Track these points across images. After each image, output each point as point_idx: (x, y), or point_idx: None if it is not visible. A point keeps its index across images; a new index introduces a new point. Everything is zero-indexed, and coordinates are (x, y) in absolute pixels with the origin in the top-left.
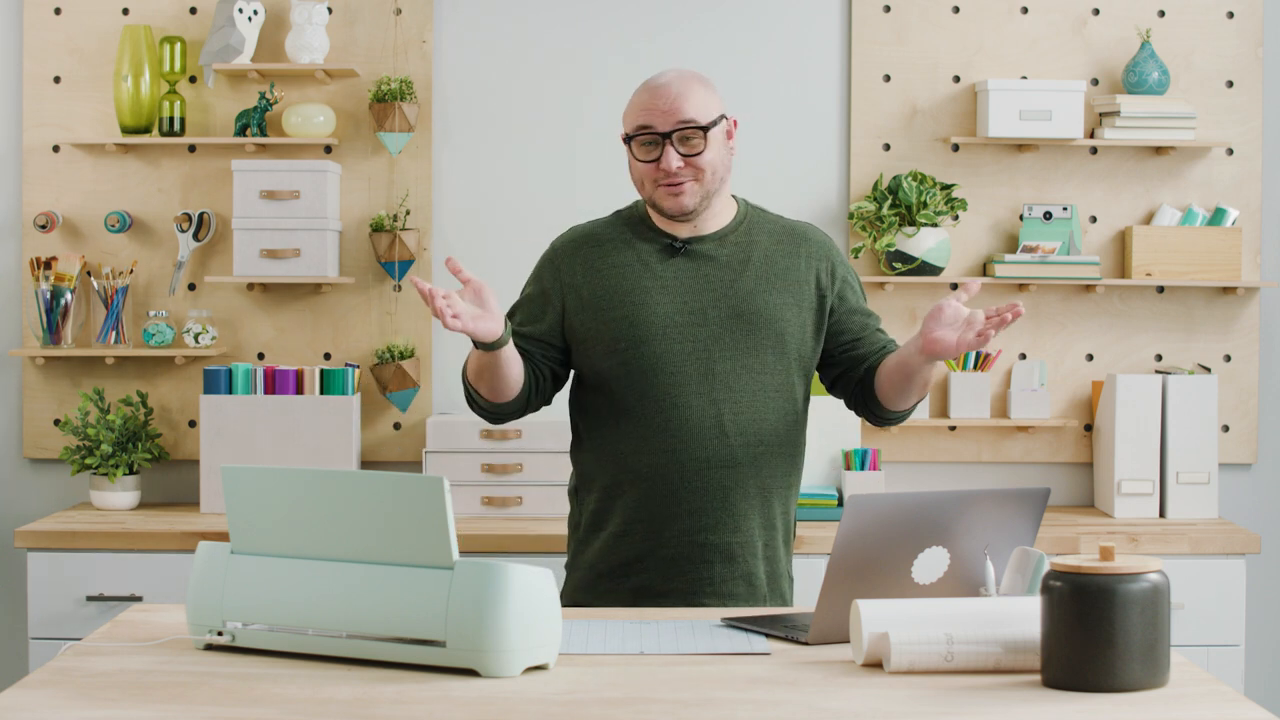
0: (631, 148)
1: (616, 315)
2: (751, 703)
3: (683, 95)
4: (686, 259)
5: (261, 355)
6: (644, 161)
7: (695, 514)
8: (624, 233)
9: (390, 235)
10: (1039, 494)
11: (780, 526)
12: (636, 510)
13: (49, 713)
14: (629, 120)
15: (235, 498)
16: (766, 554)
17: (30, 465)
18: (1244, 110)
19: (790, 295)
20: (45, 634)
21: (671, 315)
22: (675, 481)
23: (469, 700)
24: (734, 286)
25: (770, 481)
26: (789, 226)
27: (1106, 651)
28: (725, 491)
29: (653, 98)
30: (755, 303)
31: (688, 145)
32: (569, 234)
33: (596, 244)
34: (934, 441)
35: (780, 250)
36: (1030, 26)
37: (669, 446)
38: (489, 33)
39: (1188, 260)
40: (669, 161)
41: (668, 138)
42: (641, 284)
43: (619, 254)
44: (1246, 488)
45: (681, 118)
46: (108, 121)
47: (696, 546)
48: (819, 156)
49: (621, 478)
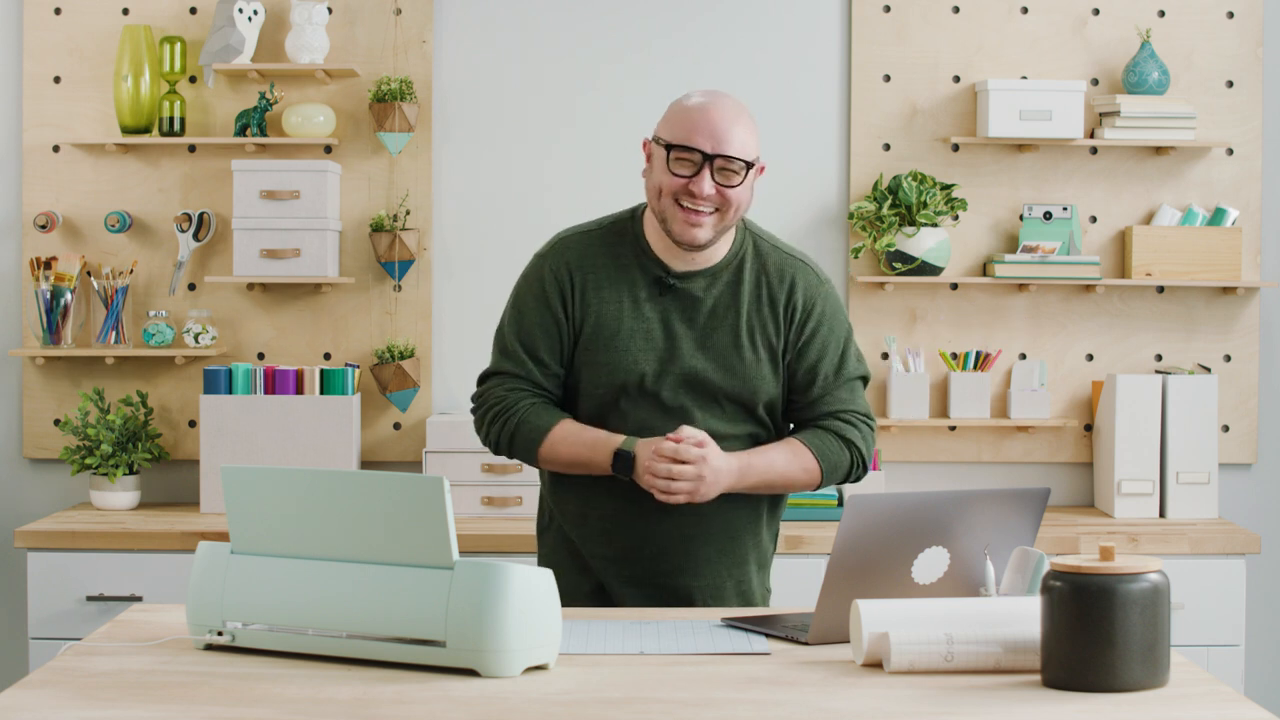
0: (668, 157)
1: (601, 360)
2: (751, 703)
3: (735, 125)
4: (674, 299)
5: (261, 355)
6: (676, 175)
7: (657, 558)
8: (618, 254)
9: (390, 235)
10: (1039, 494)
11: (753, 559)
12: (603, 546)
13: (49, 713)
14: (673, 130)
15: (235, 498)
16: (739, 590)
17: (30, 465)
18: (1244, 110)
19: (766, 350)
20: (45, 634)
21: (650, 363)
22: (640, 525)
23: (469, 700)
24: (714, 338)
25: (737, 523)
26: (779, 265)
27: (1106, 651)
28: (686, 540)
29: (705, 117)
30: (730, 360)
31: (725, 176)
32: (564, 249)
33: (593, 267)
34: (934, 441)
35: (764, 296)
36: (1030, 26)
37: (633, 495)
38: (489, 33)
39: (1188, 260)
40: (703, 186)
41: (710, 161)
42: (626, 326)
43: (612, 284)
44: (1246, 488)
45: (729, 148)
46: (108, 121)
47: (658, 588)
48: (819, 156)
49: (588, 512)
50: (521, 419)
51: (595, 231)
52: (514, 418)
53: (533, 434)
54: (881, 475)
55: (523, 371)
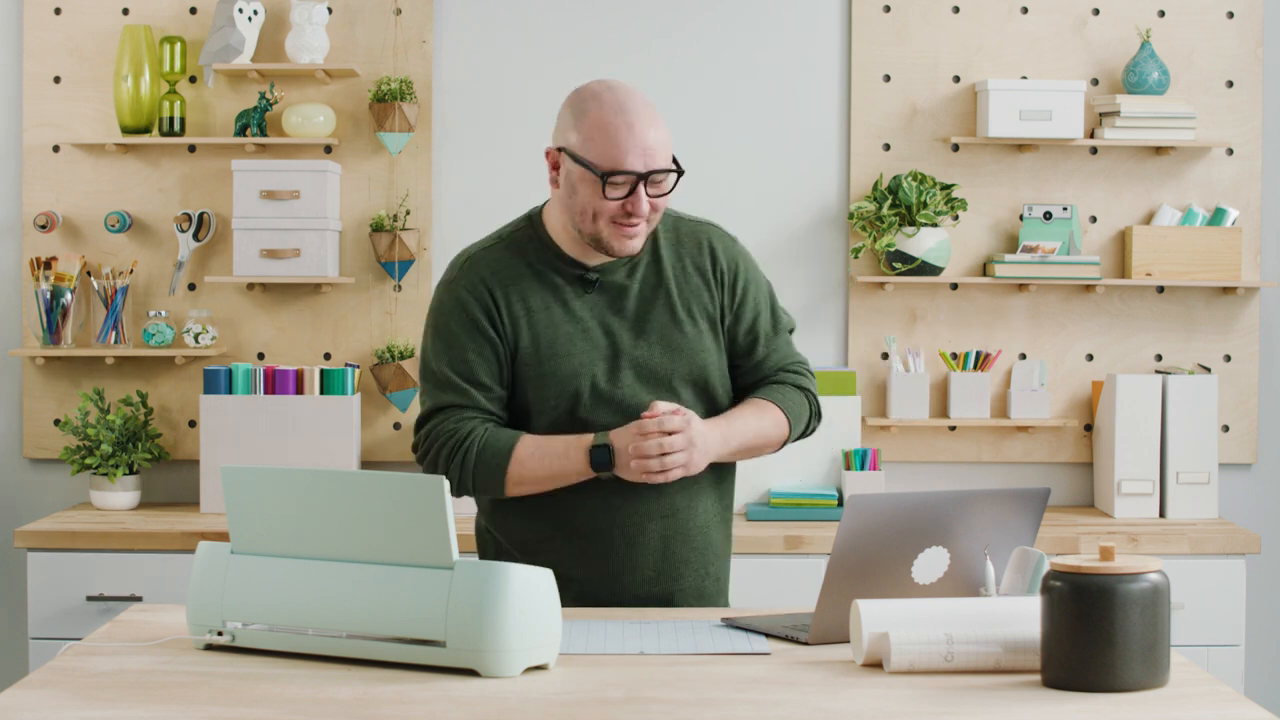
0: (603, 185)
1: (545, 371)
2: (751, 703)
3: (658, 135)
4: (601, 294)
5: (261, 355)
6: (611, 200)
7: (634, 569)
8: (531, 262)
9: (390, 235)
10: (1039, 494)
11: (722, 553)
12: (569, 569)
13: (49, 713)
14: (600, 153)
15: (235, 498)
16: (710, 589)
17: (30, 465)
18: (1244, 110)
19: (704, 320)
20: (45, 634)
21: (595, 363)
22: (616, 539)
23: (469, 700)
24: (649, 320)
25: (706, 518)
26: (691, 231)
27: (1106, 651)
28: (665, 542)
29: (632, 134)
30: (672, 337)
31: (657, 188)
32: (475, 267)
33: (511, 280)
34: (934, 441)
35: (687, 265)
36: (1030, 26)
37: (608, 504)
38: (489, 33)
39: (1188, 260)
40: (640, 206)
41: (644, 180)
42: (564, 330)
43: (535, 293)
44: (1246, 488)
45: (659, 161)
46: (108, 121)
47: (638, 600)
48: (819, 156)
49: (551, 533)
50: (482, 445)
51: (498, 245)
52: (472, 447)
53: (496, 458)
54: (881, 475)
55: (466, 401)
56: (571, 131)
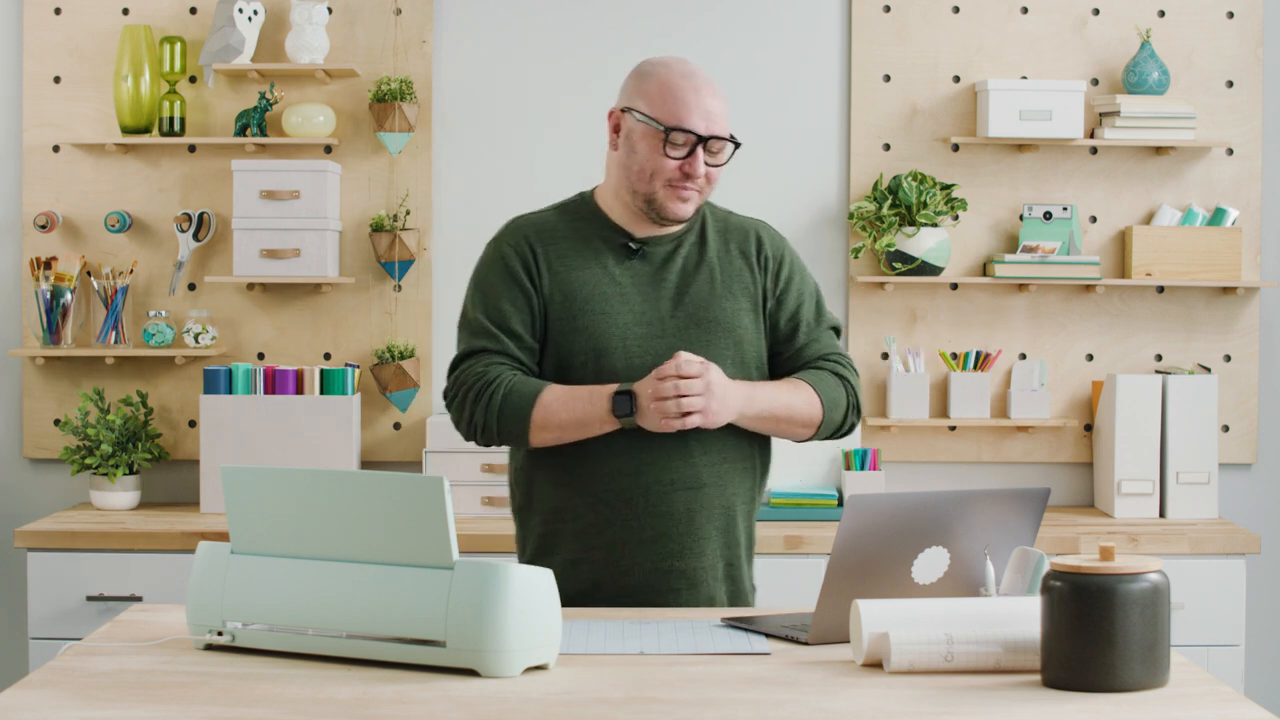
0: (665, 141)
1: (578, 325)
2: (751, 703)
3: (720, 104)
4: (642, 261)
5: (261, 355)
6: (671, 159)
7: (659, 539)
8: (578, 227)
9: (390, 235)
10: (1039, 494)
11: (743, 542)
12: (593, 536)
13: (49, 713)
14: (664, 110)
15: (235, 498)
16: (729, 574)
17: (30, 465)
18: (1244, 110)
19: (745, 299)
20: (45, 634)
21: (630, 325)
22: (639, 506)
23: (469, 700)
24: (690, 291)
25: (734, 499)
26: (740, 224)
27: (1106, 651)
28: (690, 515)
29: (697, 97)
30: (711, 310)
31: (714, 156)
32: (521, 227)
33: (553, 240)
34: (934, 441)
35: (732, 250)
36: (1030, 26)
37: (632, 469)
38: (489, 33)
39: (1188, 260)
40: (697, 167)
41: (704, 143)
42: (601, 290)
43: (577, 254)
44: (1246, 488)
45: (720, 128)
46: (108, 121)
47: (660, 574)
48: (819, 156)
49: (576, 501)
50: (508, 389)
51: (549, 211)
52: (498, 390)
53: (521, 401)
54: (881, 475)
55: (498, 346)
56: (637, 93)
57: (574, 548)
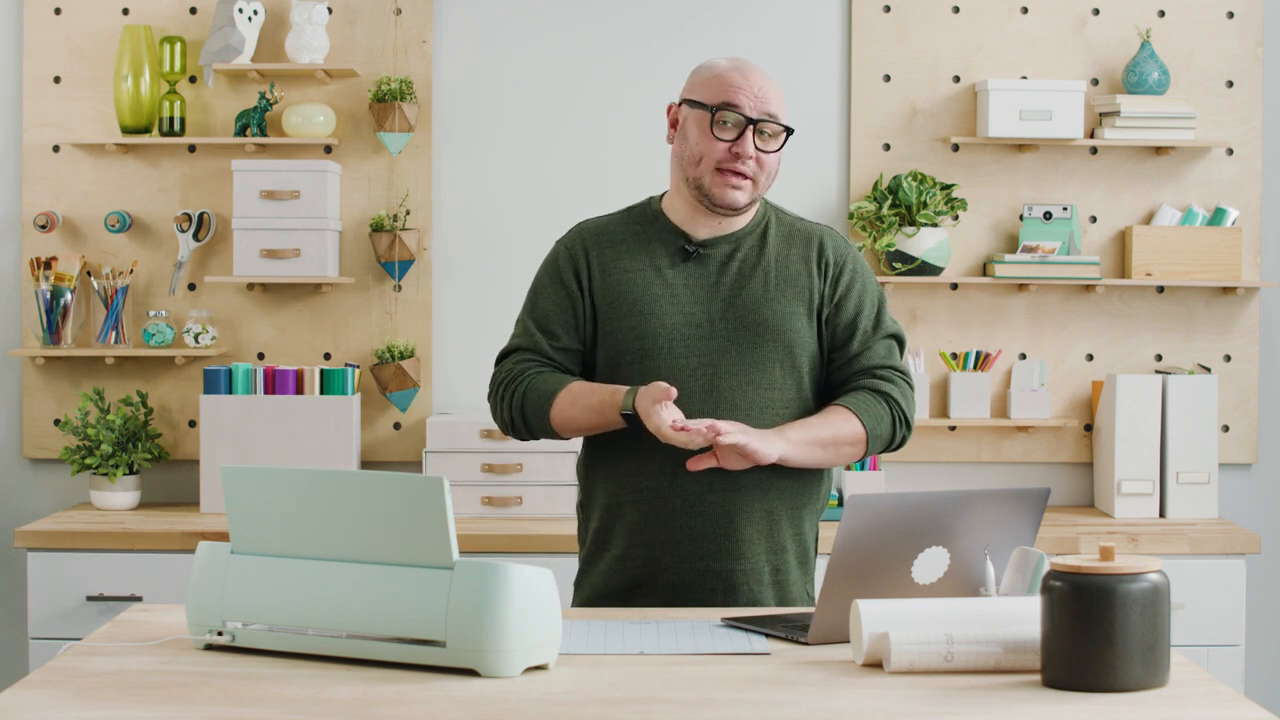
0: (711, 121)
1: (624, 325)
2: (751, 703)
3: (772, 87)
4: (698, 264)
5: (261, 355)
6: (720, 140)
7: (696, 539)
8: (638, 231)
9: (390, 235)
10: (1039, 494)
11: (792, 548)
12: (636, 533)
13: (49, 713)
14: (712, 93)
15: (235, 498)
16: (775, 579)
17: (30, 465)
18: (1244, 110)
19: (801, 303)
20: (45, 634)
21: (678, 327)
22: (676, 504)
23: (469, 700)
24: (742, 294)
25: (778, 503)
26: (805, 229)
27: (1106, 651)
28: (728, 516)
29: (745, 79)
30: (763, 312)
31: (765, 140)
32: (581, 231)
33: (610, 243)
34: (934, 441)
35: (793, 254)
36: (1030, 26)
37: (670, 468)
38: (489, 33)
39: (1188, 260)
40: (747, 147)
41: (753, 124)
42: (651, 291)
43: (632, 256)
44: (1246, 488)
45: (770, 109)
46: (108, 121)
47: (697, 574)
48: (819, 156)
49: (623, 497)
50: (528, 388)
51: (615, 215)
52: (521, 385)
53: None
54: (881, 475)
55: (532, 345)
56: (691, 85)
57: (621, 544)
